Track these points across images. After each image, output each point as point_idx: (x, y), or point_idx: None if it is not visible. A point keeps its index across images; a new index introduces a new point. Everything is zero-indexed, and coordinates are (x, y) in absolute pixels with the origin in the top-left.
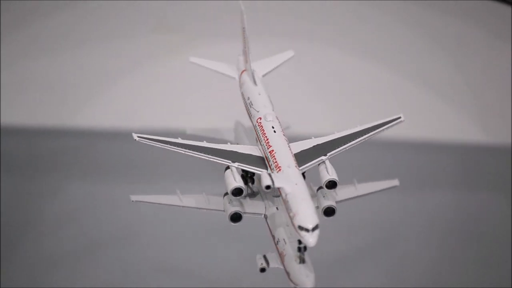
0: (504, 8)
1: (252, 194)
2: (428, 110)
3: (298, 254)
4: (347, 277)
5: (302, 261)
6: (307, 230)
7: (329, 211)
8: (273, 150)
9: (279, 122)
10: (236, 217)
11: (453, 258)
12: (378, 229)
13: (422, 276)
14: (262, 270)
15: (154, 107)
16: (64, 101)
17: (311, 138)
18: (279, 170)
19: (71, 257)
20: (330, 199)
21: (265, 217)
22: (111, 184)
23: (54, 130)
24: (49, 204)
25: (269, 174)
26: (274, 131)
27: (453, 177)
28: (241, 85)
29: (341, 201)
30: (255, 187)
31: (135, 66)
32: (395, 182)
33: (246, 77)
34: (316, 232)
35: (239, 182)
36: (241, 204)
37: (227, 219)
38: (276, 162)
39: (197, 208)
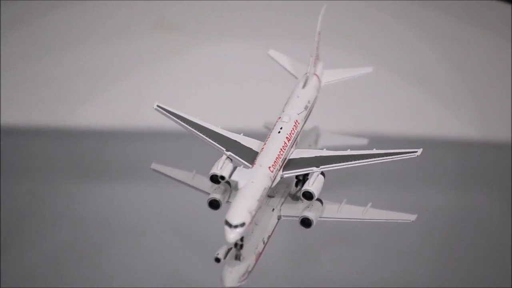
0: (504, 6)
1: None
2: (427, 108)
3: (235, 250)
4: (345, 275)
5: (237, 257)
6: (229, 225)
7: (305, 222)
8: (263, 148)
9: (295, 126)
10: (213, 204)
11: (452, 257)
12: (377, 229)
13: (422, 275)
14: (217, 260)
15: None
16: (63, 101)
17: (323, 149)
18: (253, 166)
19: (71, 257)
20: (312, 211)
21: None
22: (111, 184)
23: (54, 130)
24: (48, 204)
25: (235, 167)
26: (279, 132)
27: (452, 175)
28: None
29: (341, 219)
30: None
31: (136, 65)
32: (411, 217)
33: (303, 79)
34: (238, 230)
35: (218, 170)
36: (230, 196)
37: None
38: (256, 158)
39: (202, 191)
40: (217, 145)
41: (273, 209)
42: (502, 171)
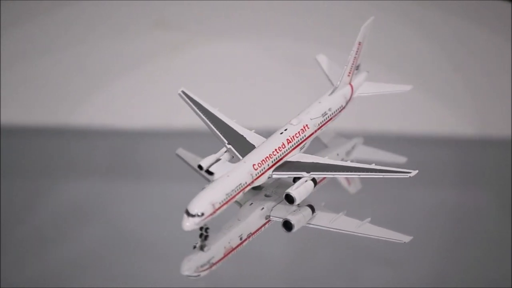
0: (504, 5)
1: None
2: (427, 106)
3: (200, 239)
4: (347, 273)
5: (200, 248)
6: (187, 213)
7: (287, 225)
8: (258, 146)
9: (303, 130)
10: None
11: (452, 254)
12: (376, 226)
13: (421, 274)
14: (197, 247)
15: (154, 106)
16: (63, 100)
17: (325, 157)
18: (239, 161)
19: (70, 257)
20: (297, 215)
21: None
22: (110, 183)
23: (53, 129)
24: (47, 203)
25: (217, 159)
26: (281, 133)
27: (451, 172)
28: None
29: (333, 229)
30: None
31: (135, 65)
32: (405, 238)
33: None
34: (194, 220)
35: (205, 160)
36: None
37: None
38: (248, 154)
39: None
40: (221, 136)
41: (263, 208)
42: (501, 168)
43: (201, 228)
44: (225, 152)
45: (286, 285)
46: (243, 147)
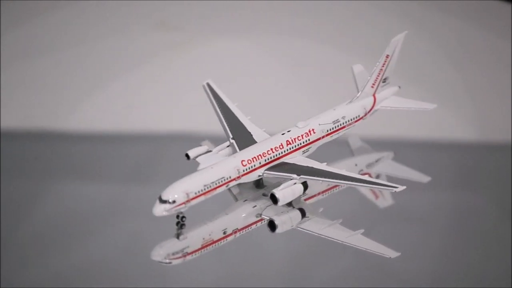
0: (504, 6)
1: (259, 185)
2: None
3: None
4: (345, 273)
5: (176, 236)
6: (159, 199)
7: (271, 224)
8: (256, 144)
9: (308, 134)
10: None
11: (451, 257)
12: (376, 227)
13: (421, 274)
14: (178, 235)
15: (153, 108)
16: (62, 102)
17: (325, 163)
18: (230, 155)
19: (70, 259)
20: (283, 216)
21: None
22: (109, 185)
23: (51, 132)
24: (45, 205)
25: (208, 151)
26: (283, 134)
27: (451, 175)
28: None
29: (322, 235)
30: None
31: (135, 66)
32: (392, 254)
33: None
34: (165, 206)
35: (193, 150)
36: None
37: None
38: (241, 150)
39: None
40: (228, 130)
41: (255, 206)
42: (501, 172)
43: (177, 216)
44: (227, 146)
45: (285, 285)
46: (246, 144)
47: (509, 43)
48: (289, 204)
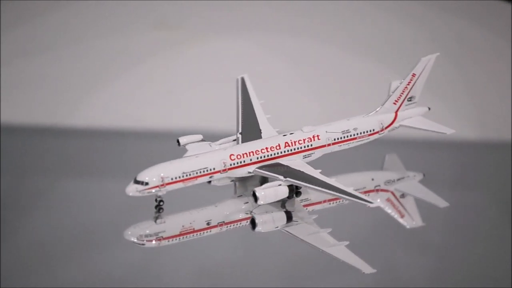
0: (504, 5)
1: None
2: (426, 105)
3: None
4: (344, 274)
5: (154, 219)
6: (134, 179)
7: (253, 222)
8: (253, 141)
9: (311, 139)
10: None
11: (451, 256)
12: (375, 226)
13: (421, 275)
14: (155, 218)
15: (152, 106)
16: (62, 100)
17: (319, 170)
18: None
19: (68, 253)
20: (264, 217)
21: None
22: (108, 182)
23: (52, 129)
24: (46, 201)
25: (202, 139)
26: (284, 135)
27: (450, 174)
28: None
29: (304, 241)
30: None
31: (134, 65)
32: (367, 269)
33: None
34: (137, 187)
35: (185, 137)
36: None
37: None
38: (236, 145)
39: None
40: (240, 125)
41: (247, 202)
42: (501, 170)
43: (156, 200)
44: (233, 140)
45: (285, 284)
46: (251, 140)
47: (509, 42)
48: (283, 206)
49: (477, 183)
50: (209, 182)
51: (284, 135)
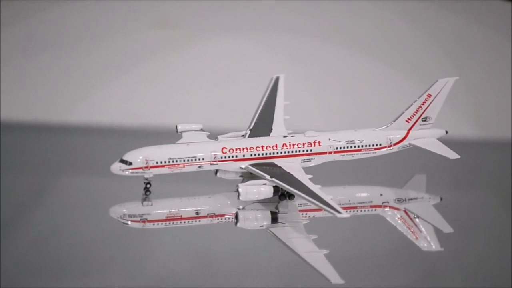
0: (504, 5)
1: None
2: None
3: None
4: (344, 274)
5: (141, 201)
6: (120, 158)
7: (236, 217)
8: (252, 138)
9: (311, 144)
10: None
11: (451, 256)
12: (377, 226)
13: (420, 274)
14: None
15: (150, 104)
16: (61, 98)
17: (311, 175)
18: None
19: (68, 251)
20: (247, 213)
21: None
22: (108, 179)
23: (52, 126)
24: (46, 198)
25: (201, 129)
26: (285, 136)
27: (451, 172)
28: None
29: (285, 244)
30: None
31: (133, 63)
32: (336, 279)
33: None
34: (120, 165)
35: (184, 124)
36: None
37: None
38: (234, 140)
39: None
40: (254, 121)
41: (239, 196)
42: (501, 169)
43: (144, 182)
44: (241, 136)
45: (284, 284)
46: (258, 137)
47: (509, 42)
48: (276, 207)
49: (477, 182)
50: (216, 173)
51: (284, 137)
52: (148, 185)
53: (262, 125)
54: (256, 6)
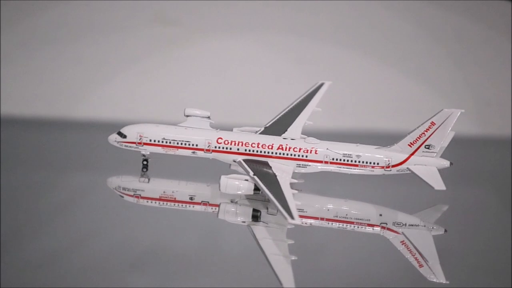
0: (504, 4)
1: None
2: (427, 104)
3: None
4: (343, 273)
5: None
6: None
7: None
8: (252, 134)
9: (308, 150)
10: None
11: (451, 254)
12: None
13: (420, 273)
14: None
15: (151, 100)
16: (62, 94)
17: (303, 181)
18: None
19: (68, 249)
20: (230, 206)
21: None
22: (108, 175)
23: (52, 122)
24: (46, 194)
25: (207, 116)
26: (284, 138)
27: (451, 170)
28: None
29: (259, 245)
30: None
31: (134, 59)
32: (289, 283)
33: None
34: (116, 136)
35: (192, 109)
36: None
37: None
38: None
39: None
40: (273, 120)
41: (219, 187)
42: (501, 166)
43: (142, 158)
44: (255, 132)
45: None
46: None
47: (509, 41)
48: (266, 207)
49: (478, 179)
50: (230, 165)
51: (284, 138)
52: (145, 162)
53: (280, 124)
54: (260, 5)
